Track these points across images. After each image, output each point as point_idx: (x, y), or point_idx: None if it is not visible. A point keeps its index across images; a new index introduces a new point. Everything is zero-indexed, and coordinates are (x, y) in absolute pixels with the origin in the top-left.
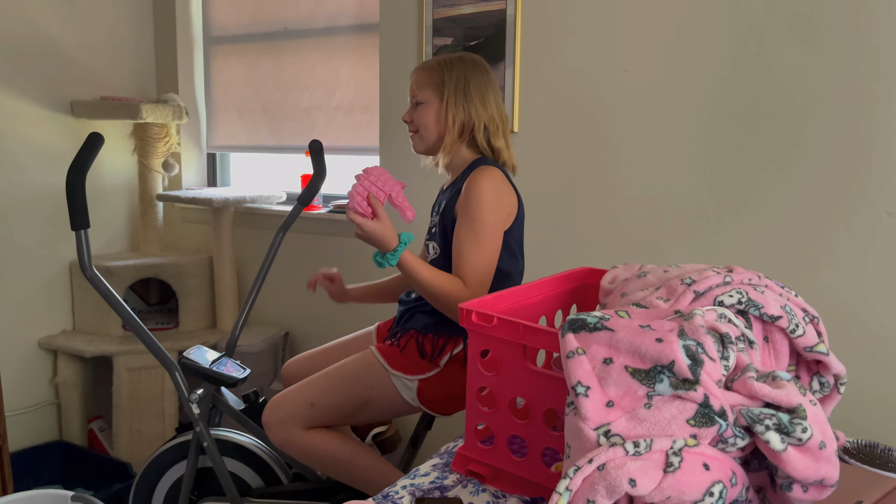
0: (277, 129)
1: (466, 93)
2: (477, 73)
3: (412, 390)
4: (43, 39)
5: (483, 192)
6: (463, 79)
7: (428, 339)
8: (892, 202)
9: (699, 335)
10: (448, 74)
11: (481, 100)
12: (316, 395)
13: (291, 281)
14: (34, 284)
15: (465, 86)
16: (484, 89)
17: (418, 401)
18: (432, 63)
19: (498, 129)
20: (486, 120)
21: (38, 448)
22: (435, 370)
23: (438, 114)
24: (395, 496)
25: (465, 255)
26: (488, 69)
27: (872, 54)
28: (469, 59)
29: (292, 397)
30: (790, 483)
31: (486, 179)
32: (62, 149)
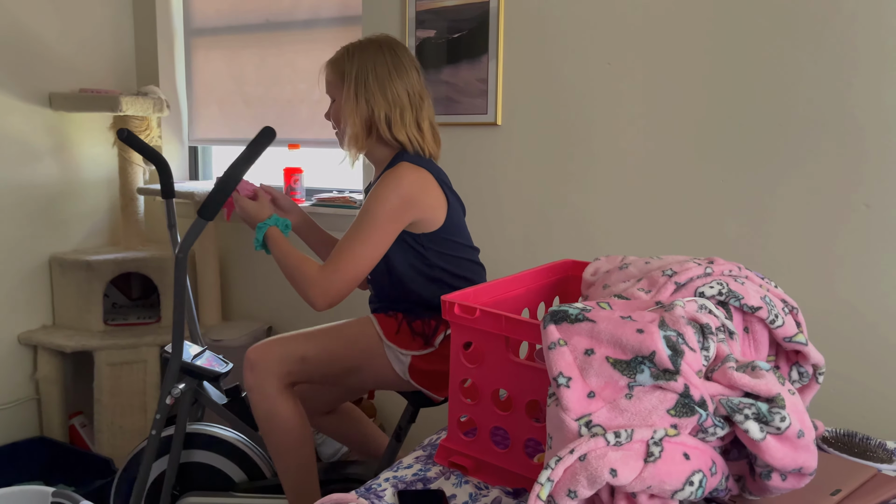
0: (259, 123)
1: (365, 83)
2: (380, 59)
3: (404, 364)
4: (21, 30)
5: (386, 190)
6: (363, 69)
7: (418, 322)
8: (870, 194)
9: (680, 326)
10: (349, 66)
11: (381, 88)
12: (309, 348)
13: (274, 275)
14: (13, 279)
15: (365, 76)
16: (386, 76)
17: (409, 375)
18: (336, 56)
19: (403, 116)
20: (387, 109)
21: (18, 444)
22: (430, 349)
23: (344, 109)
24: (378, 489)
25: (341, 243)
26: (396, 50)
27: (852, 48)
28: (373, 43)
29: (282, 347)
30: (769, 471)
31: (392, 177)
32: (40, 141)
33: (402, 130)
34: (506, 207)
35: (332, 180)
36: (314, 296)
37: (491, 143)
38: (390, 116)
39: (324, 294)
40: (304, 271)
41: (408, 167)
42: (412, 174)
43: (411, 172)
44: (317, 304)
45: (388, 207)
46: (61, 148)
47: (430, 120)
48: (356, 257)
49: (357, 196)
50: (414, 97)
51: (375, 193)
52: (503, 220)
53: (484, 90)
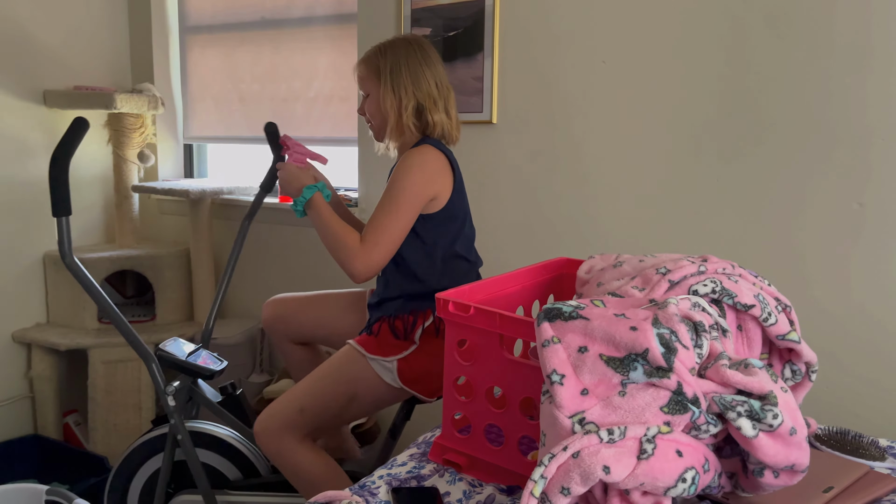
0: (255, 120)
1: (400, 76)
2: (411, 53)
3: (392, 371)
4: (15, 28)
5: (410, 165)
6: (396, 63)
7: (398, 320)
8: (863, 193)
9: (673, 323)
10: (383, 61)
11: (414, 80)
12: (303, 399)
13: (269, 273)
14: (7, 277)
15: (399, 69)
16: (417, 68)
17: (400, 381)
18: (369, 53)
19: (435, 103)
20: (422, 98)
21: (12, 442)
22: (411, 347)
23: (381, 102)
24: (372, 486)
25: (374, 216)
26: (423, 45)
27: (844, 47)
28: (402, 41)
29: (281, 406)
30: (762, 469)
31: (418, 154)
32: (35, 139)
33: (438, 112)
34: (500, 205)
35: (329, 177)
36: (357, 268)
37: (486, 141)
38: (424, 103)
39: (366, 267)
40: (347, 243)
41: (431, 148)
42: (434, 154)
43: (433, 153)
44: (359, 276)
45: (412, 180)
46: (55, 145)
47: (455, 109)
48: (392, 230)
49: (352, 194)
50: (442, 87)
51: (402, 170)
52: (498, 217)
53: (479, 88)
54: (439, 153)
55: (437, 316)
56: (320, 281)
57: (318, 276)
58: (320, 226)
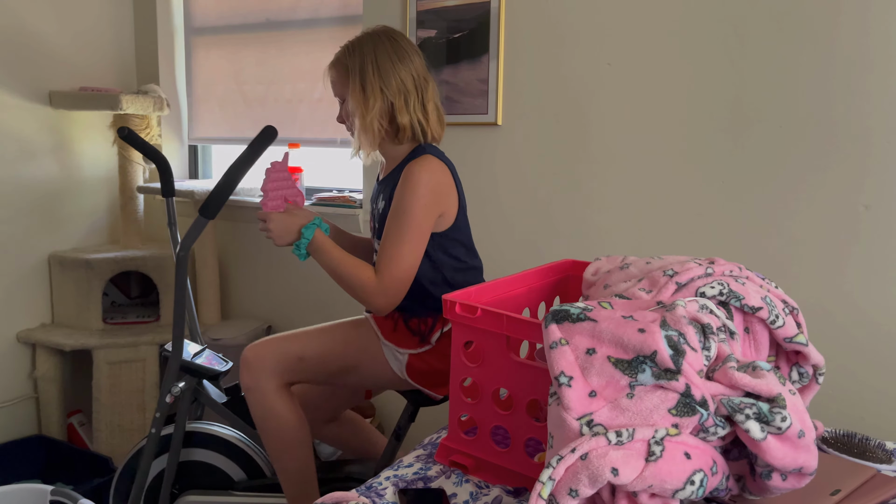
0: (259, 122)
1: (367, 74)
2: (380, 48)
3: (402, 363)
4: (21, 29)
5: (417, 185)
6: (364, 61)
7: (415, 320)
8: (870, 195)
9: (681, 326)
10: (350, 61)
11: (384, 78)
12: (306, 348)
13: (274, 274)
14: (12, 277)
15: (367, 69)
16: (388, 64)
17: (406, 374)
18: (337, 55)
19: (407, 102)
20: (392, 96)
21: (16, 442)
22: (426, 347)
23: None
24: (379, 487)
25: (386, 247)
26: (394, 37)
27: (851, 51)
28: (369, 35)
29: (279, 346)
30: (769, 471)
31: (423, 172)
32: (40, 140)
33: (405, 115)
34: (506, 207)
35: (333, 180)
36: (378, 304)
37: (491, 143)
38: (395, 102)
39: (387, 302)
40: (362, 281)
41: (434, 161)
42: (438, 168)
43: (437, 166)
44: (381, 311)
45: (422, 202)
46: (61, 146)
47: (434, 102)
48: (406, 258)
49: (357, 196)
50: (419, 80)
51: (408, 190)
52: (503, 219)
53: (484, 90)
54: (443, 166)
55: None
56: (324, 282)
57: (322, 278)
58: (329, 267)
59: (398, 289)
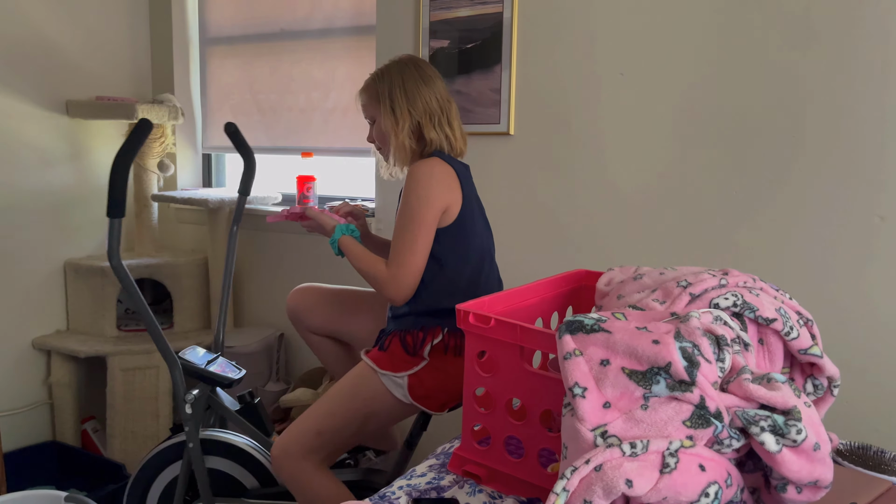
0: (273, 130)
1: (396, 97)
2: (407, 74)
3: (403, 388)
4: (39, 39)
5: (417, 180)
6: (393, 86)
7: (408, 335)
8: (885, 206)
9: (695, 337)
10: (381, 86)
11: (410, 99)
12: (320, 422)
13: (286, 282)
14: (28, 284)
15: (395, 93)
16: (413, 87)
17: (410, 398)
18: (367, 82)
19: (432, 120)
20: (419, 116)
21: (31, 448)
22: (422, 363)
23: (384, 125)
24: (392, 497)
25: (394, 241)
26: (418, 64)
27: (865, 59)
28: (397, 63)
29: (297, 430)
30: (785, 484)
31: (422, 166)
32: (57, 148)
33: (433, 131)
34: (519, 217)
35: (346, 188)
36: (390, 294)
37: (504, 152)
38: (421, 121)
39: (397, 291)
40: (375, 274)
41: (434, 159)
42: (438, 165)
43: (436, 163)
44: (395, 301)
45: (422, 194)
46: (77, 155)
47: (458, 120)
48: (413, 250)
49: (370, 204)
50: (443, 101)
51: (410, 186)
52: (516, 229)
53: (497, 100)
54: (443, 164)
55: (445, 333)
56: None
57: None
58: (353, 262)
59: (407, 278)
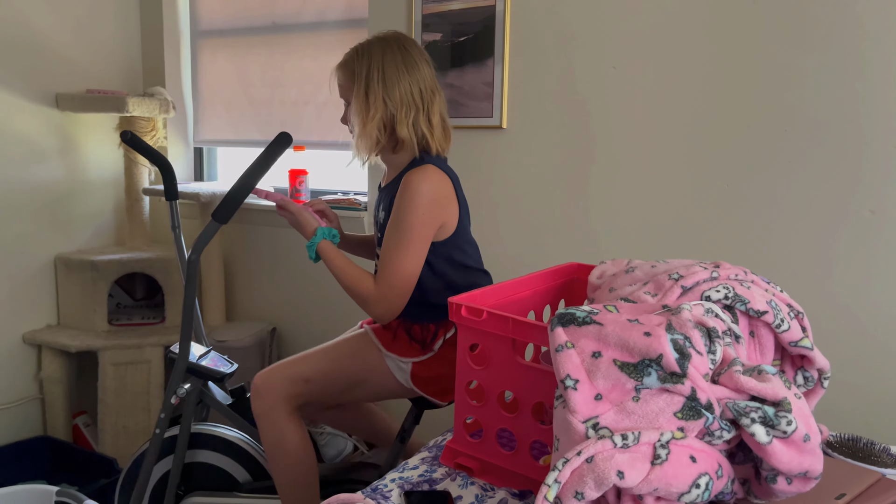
0: (265, 124)
1: (373, 84)
2: (388, 57)
3: (406, 372)
4: (28, 31)
5: (415, 195)
6: (372, 68)
7: (417, 327)
8: (875, 200)
9: (687, 329)
10: (358, 66)
11: (390, 87)
12: (311, 370)
13: (279, 277)
14: (18, 279)
15: (373, 75)
16: (393, 74)
17: (412, 383)
18: (345, 58)
19: (407, 115)
20: (394, 107)
21: (22, 443)
22: (429, 354)
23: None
24: (385, 489)
25: (385, 257)
26: (405, 45)
27: (857, 54)
28: (381, 41)
29: (287, 371)
30: (775, 475)
31: (423, 181)
32: (47, 142)
33: (404, 129)
34: (511, 210)
35: (338, 182)
36: (377, 314)
37: (496, 146)
38: (395, 114)
39: (387, 310)
40: (361, 291)
41: (435, 171)
42: (438, 178)
43: (437, 176)
44: (381, 320)
45: (421, 213)
46: (67, 148)
47: (441, 114)
48: (405, 268)
49: (362, 198)
50: (426, 93)
51: (407, 200)
52: (508, 222)
53: (489, 93)
54: (443, 176)
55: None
56: (328, 284)
57: (326, 281)
58: (335, 274)
59: (397, 299)
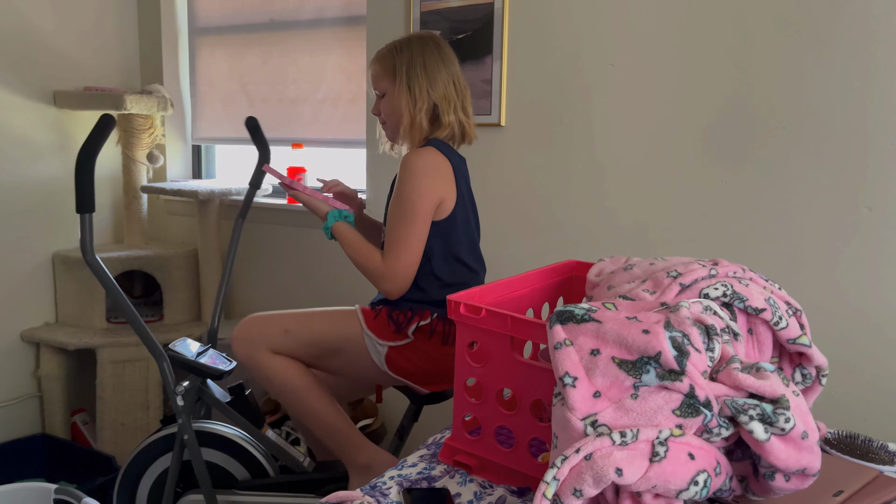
0: (263, 122)
1: (417, 76)
2: (428, 52)
3: (381, 355)
4: (25, 28)
5: (413, 171)
6: (412, 62)
7: (397, 312)
8: (873, 197)
9: (685, 327)
10: (399, 59)
11: (430, 79)
12: (293, 324)
13: (277, 274)
14: (16, 276)
15: (415, 68)
16: (434, 67)
17: (386, 366)
18: (384, 51)
19: (450, 104)
20: (437, 98)
21: (20, 441)
22: (405, 340)
23: (395, 101)
24: (383, 487)
25: (390, 233)
26: (440, 44)
27: (854, 52)
28: (418, 38)
29: (268, 320)
30: (773, 472)
31: (418, 157)
32: (45, 140)
33: (451, 115)
34: (509, 208)
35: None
36: (386, 287)
37: (495, 143)
38: (439, 104)
39: (393, 284)
40: (370, 267)
41: (431, 150)
42: (434, 156)
43: (432, 154)
44: (392, 294)
45: (416, 185)
46: (65, 146)
47: (471, 106)
48: (409, 242)
49: (361, 195)
50: (459, 87)
51: (406, 177)
52: (507, 220)
53: (488, 91)
54: (440, 155)
55: (434, 318)
56: (327, 281)
57: (325, 277)
58: (347, 251)
59: (404, 272)
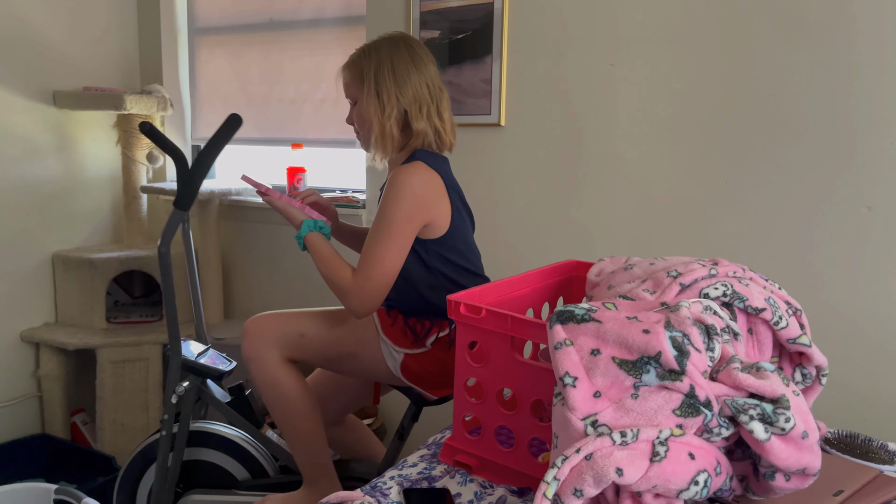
0: (262, 122)
1: (385, 81)
2: (397, 55)
3: (397, 361)
4: (25, 28)
5: (400, 190)
6: (381, 67)
7: (413, 319)
8: (872, 197)
9: (685, 327)
10: (366, 65)
11: (399, 84)
12: (309, 327)
13: (277, 274)
14: (16, 276)
15: (382, 73)
16: (404, 71)
17: (400, 372)
18: (352, 57)
19: (421, 109)
20: (407, 104)
21: (20, 441)
22: (422, 349)
23: (366, 109)
24: (384, 487)
25: (365, 250)
26: (411, 44)
27: (854, 51)
28: (387, 41)
29: (284, 321)
30: (773, 472)
31: (408, 177)
32: (44, 139)
33: (421, 122)
34: (510, 208)
35: (336, 180)
36: (352, 306)
37: (495, 143)
38: (409, 109)
39: (360, 302)
40: (338, 283)
41: (422, 167)
42: (425, 174)
43: (424, 173)
44: (356, 314)
45: (403, 207)
46: (65, 146)
47: (449, 111)
48: (384, 262)
49: (360, 196)
50: (433, 89)
51: (391, 194)
52: (507, 220)
53: (488, 91)
54: (429, 172)
55: (453, 329)
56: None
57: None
58: (316, 262)
59: (372, 291)
